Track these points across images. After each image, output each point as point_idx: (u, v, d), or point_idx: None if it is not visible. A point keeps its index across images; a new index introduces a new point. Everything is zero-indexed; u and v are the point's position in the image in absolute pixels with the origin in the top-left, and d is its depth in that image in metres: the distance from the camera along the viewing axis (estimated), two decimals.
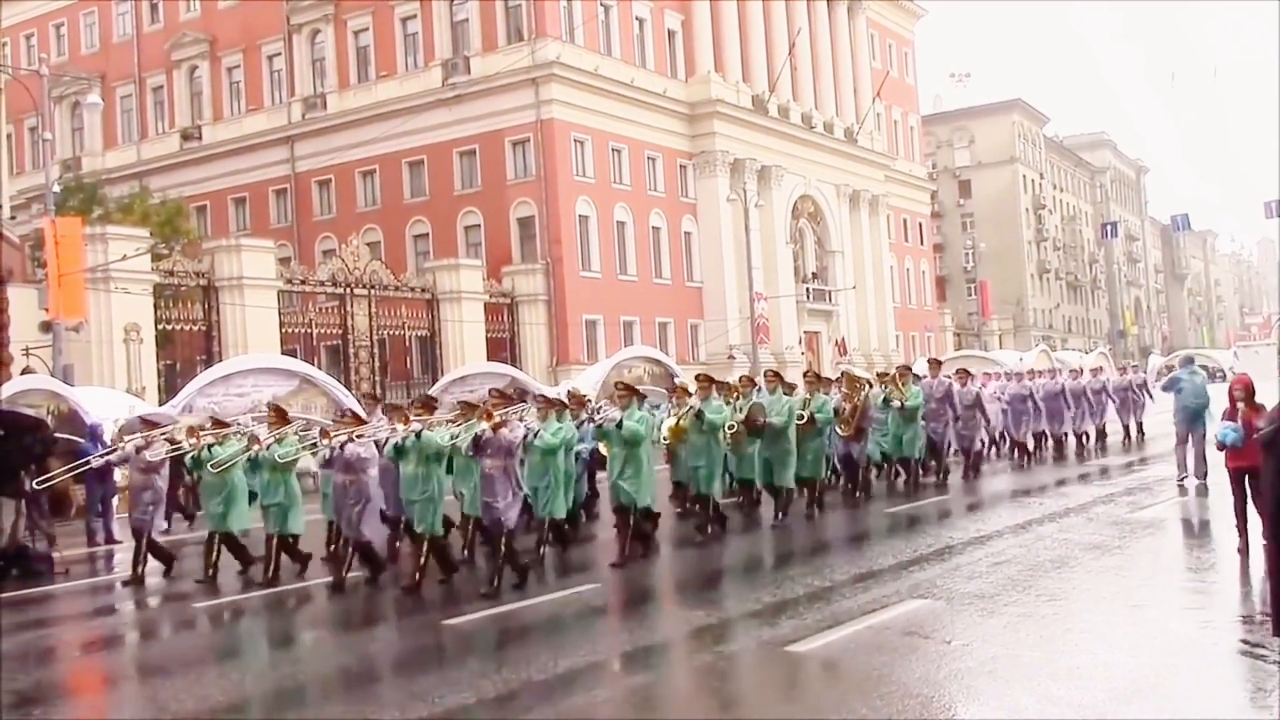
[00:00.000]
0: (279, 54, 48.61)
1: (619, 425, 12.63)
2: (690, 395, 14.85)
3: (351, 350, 34.25)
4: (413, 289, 36.98)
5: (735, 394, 15.66)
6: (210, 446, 13.13)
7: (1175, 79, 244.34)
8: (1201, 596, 10.00)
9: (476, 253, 41.88)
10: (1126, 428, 26.65)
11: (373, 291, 34.96)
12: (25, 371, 24.87)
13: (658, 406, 18.77)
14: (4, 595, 12.86)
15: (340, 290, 34.27)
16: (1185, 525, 14.47)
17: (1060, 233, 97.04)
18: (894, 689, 7.39)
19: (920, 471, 19.00)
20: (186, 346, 31.91)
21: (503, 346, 39.09)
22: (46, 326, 25.37)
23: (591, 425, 13.36)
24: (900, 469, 19.27)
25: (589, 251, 42.88)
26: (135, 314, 29.45)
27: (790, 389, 16.20)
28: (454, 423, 12.20)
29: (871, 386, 18.09)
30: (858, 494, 17.47)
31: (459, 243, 42.68)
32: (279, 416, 12.44)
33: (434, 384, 27.35)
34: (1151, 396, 27.43)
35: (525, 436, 11.80)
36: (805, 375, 16.81)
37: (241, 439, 13.06)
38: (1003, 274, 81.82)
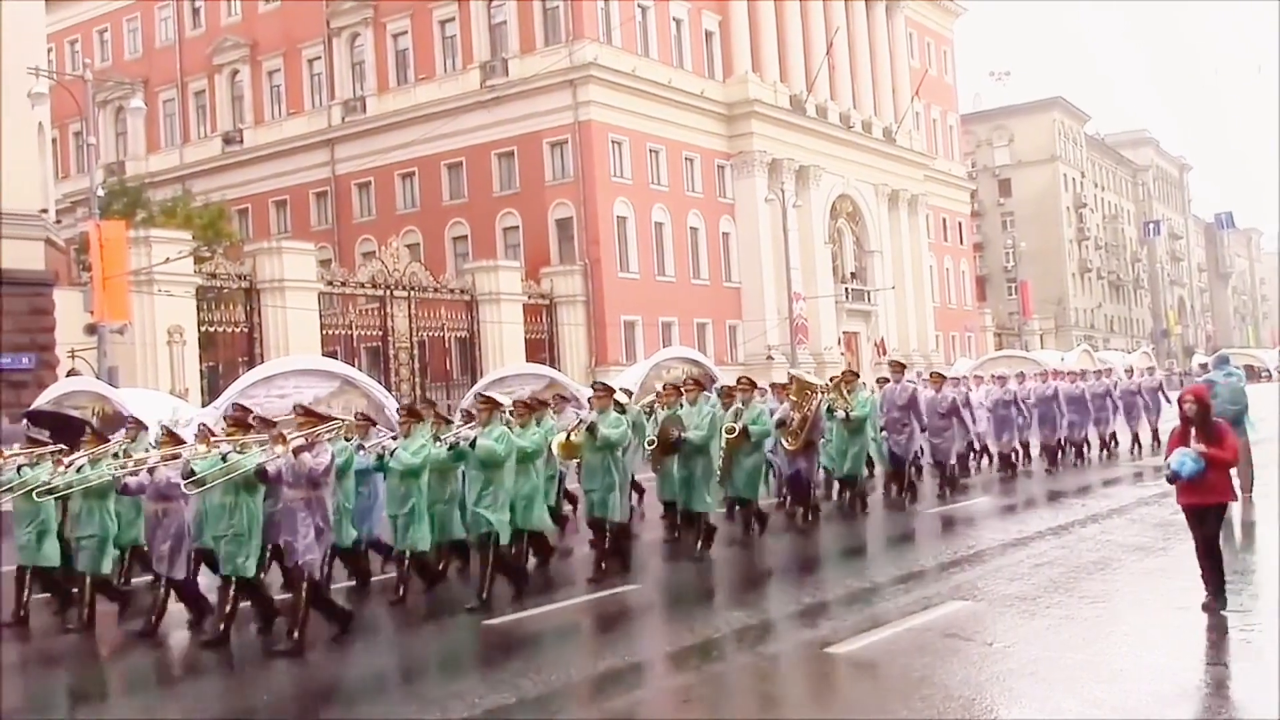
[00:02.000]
0: (319, 57, 48.95)
1: (473, 444, 10.89)
2: (733, 394, 14.09)
3: (391, 352, 34.45)
4: (452, 290, 37.14)
5: (662, 403, 14.30)
6: (21, 468, 11.49)
7: (1218, 73, 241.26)
8: (1246, 599, 9.88)
9: (515, 254, 42.01)
10: (1135, 435, 24.59)
11: (412, 293, 35.15)
12: (71, 373, 25.12)
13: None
14: None
15: (380, 292, 34.48)
16: (1228, 528, 14.30)
17: (1102, 231, 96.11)
18: (935, 691, 7.36)
19: (865, 492, 16.77)
20: (229, 348, 32.20)
21: (541, 348, 39.19)
22: (92, 329, 25.65)
23: (443, 446, 11.21)
24: (843, 488, 16.70)
25: (627, 252, 42.90)
26: (178, 316, 29.76)
27: (729, 397, 14.39)
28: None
29: (824, 394, 15.61)
30: (807, 516, 15.26)
31: (498, 244, 42.83)
32: (309, 418, 10.42)
33: (473, 385, 27.45)
34: (1169, 399, 25.36)
35: (333, 460, 9.76)
36: (739, 381, 14.60)
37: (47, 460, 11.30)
38: (1044, 273, 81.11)
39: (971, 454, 21.28)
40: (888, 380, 18.05)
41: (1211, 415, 8.85)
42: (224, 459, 9.63)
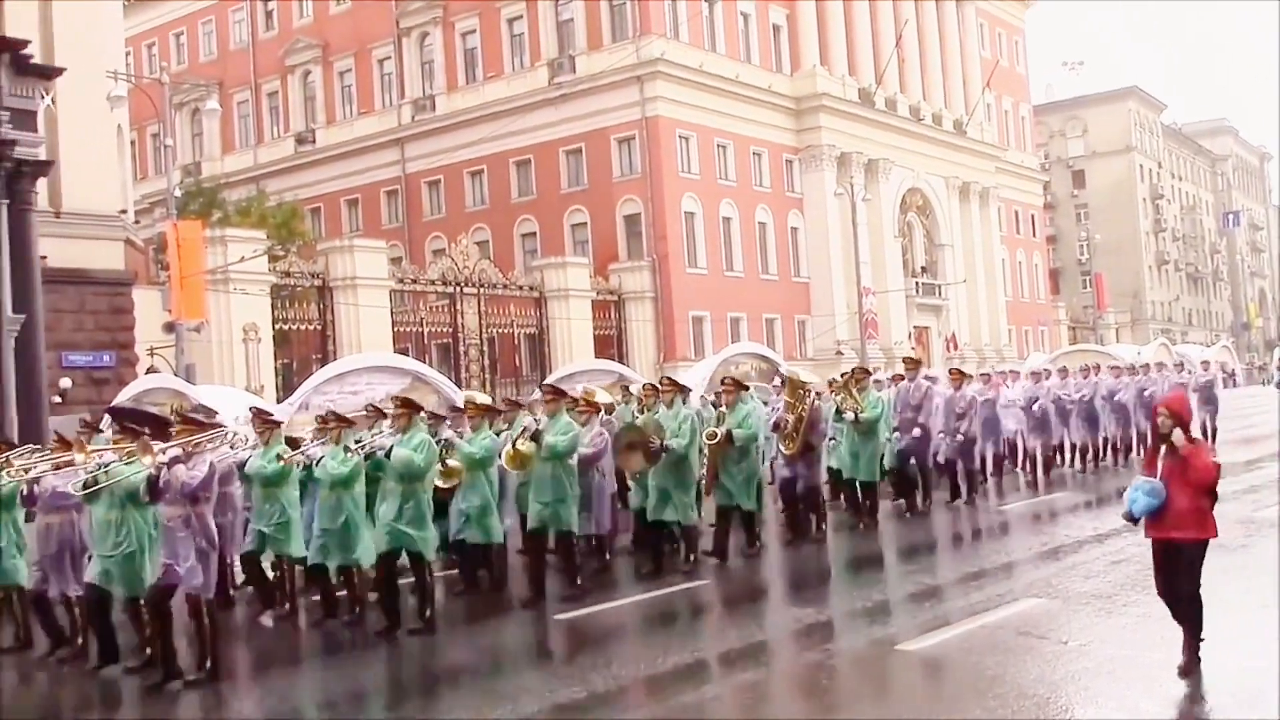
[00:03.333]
0: (389, 57, 49.44)
1: (388, 454, 9.97)
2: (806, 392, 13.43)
3: (461, 348, 34.70)
4: (521, 287, 37.33)
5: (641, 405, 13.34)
6: None
7: None
8: None
9: (583, 250, 42.13)
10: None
11: (482, 290, 35.38)
12: (150, 371, 25.62)
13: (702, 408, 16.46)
14: None
15: (450, 289, 34.74)
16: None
17: (1179, 223, 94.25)
18: (1008, 689, 7.28)
19: (890, 498, 16.00)
20: (302, 345, 32.64)
21: (610, 344, 39.26)
22: (169, 327, 26.11)
23: (356, 454, 10.20)
24: (857, 494, 15.35)
25: (695, 248, 42.86)
26: (253, 314, 30.22)
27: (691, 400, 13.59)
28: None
29: (818, 395, 14.48)
30: (813, 526, 14.01)
31: (566, 241, 42.99)
32: (188, 425, 9.21)
33: (542, 380, 27.60)
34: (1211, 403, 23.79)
35: (214, 472, 8.69)
36: (723, 383, 13.60)
37: None
38: (1119, 266, 79.76)
39: (1004, 456, 19.86)
40: (901, 376, 16.98)
41: (1189, 432, 7.38)
42: (105, 470, 8.68)
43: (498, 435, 11.75)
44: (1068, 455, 20.88)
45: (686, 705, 7.56)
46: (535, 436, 11.08)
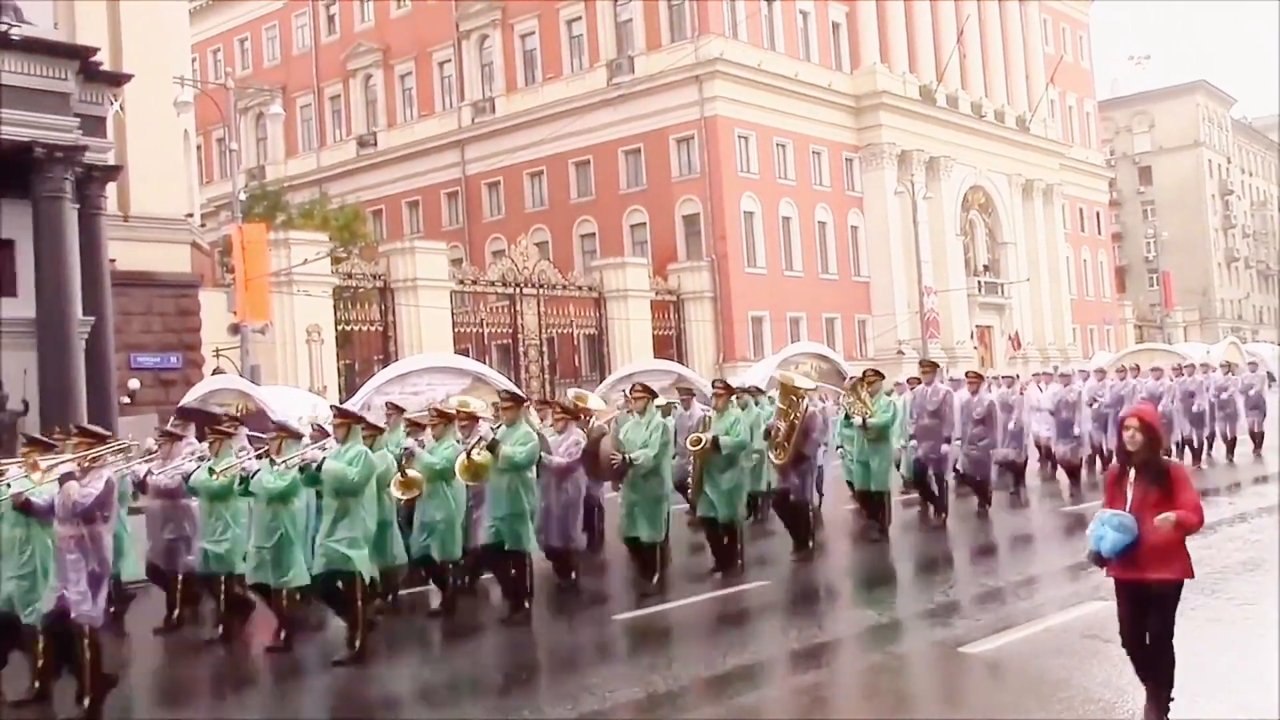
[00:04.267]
0: (449, 60, 49.81)
1: (319, 466, 9.22)
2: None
3: (521, 349, 34.90)
4: (580, 288, 37.48)
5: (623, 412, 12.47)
6: None
7: None
8: None
9: (642, 251, 42.18)
10: (1213, 438, 21.45)
11: (541, 291, 35.55)
12: (216, 372, 26.01)
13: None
14: None
15: (510, 290, 34.95)
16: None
17: (1250, 219, 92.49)
18: (1074, 693, 7.17)
19: (913, 508, 15.05)
20: (364, 346, 32.99)
21: (669, 344, 39.28)
22: (235, 329, 26.49)
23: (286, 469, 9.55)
24: (864, 506, 14.35)
25: (754, 247, 42.74)
26: (316, 315, 30.61)
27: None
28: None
29: (807, 401, 12.96)
30: (806, 541, 12.88)
31: (625, 241, 43.06)
32: (85, 438, 8.59)
33: (602, 381, 27.65)
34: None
35: (112, 489, 7.91)
36: (714, 385, 12.96)
37: None
38: (1187, 263, 78.39)
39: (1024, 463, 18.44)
40: (923, 378, 15.73)
41: (1160, 450, 6.17)
42: (8, 484, 8.14)
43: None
44: (1098, 463, 19.52)
45: (745, 706, 7.54)
46: (492, 446, 10.17)
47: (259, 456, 9.96)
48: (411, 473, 10.45)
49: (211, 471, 10.12)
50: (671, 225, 42.69)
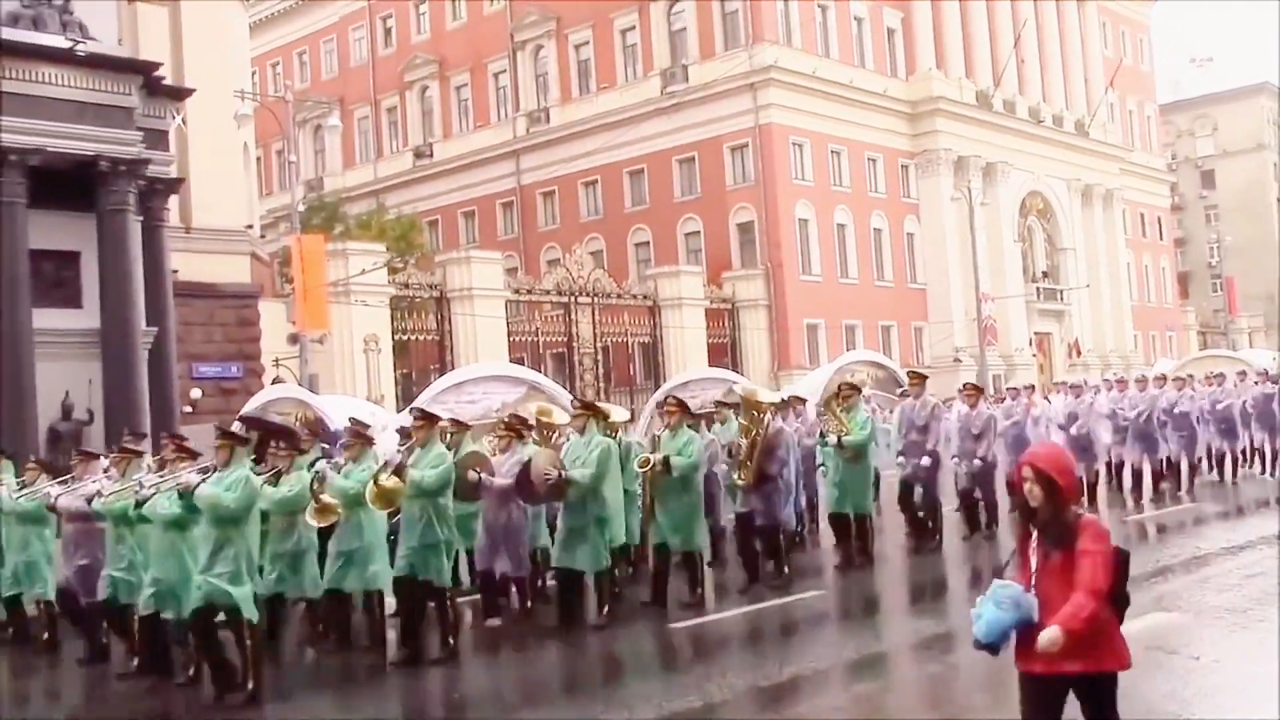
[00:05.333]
0: (504, 71, 50.12)
1: (193, 492, 8.44)
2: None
3: (576, 357, 34.99)
4: (635, 296, 37.52)
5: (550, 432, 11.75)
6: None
7: None
8: None
9: (697, 259, 42.17)
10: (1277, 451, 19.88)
11: (596, 299, 35.63)
12: (275, 381, 26.28)
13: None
14: None
15: (565, 299, 35.06)
16: None
17: None
18: (1136, 705, 7.03)
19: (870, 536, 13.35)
20: (421, 355, 33.23)
21: (724, 352, 39.20)
22: (294, 338, 26.77)
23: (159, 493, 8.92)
24: (840, 530, 12.98)
25: (809, 255, 42.57)
26: (374, 325, 30.87)
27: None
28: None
29: (769, 417, 11.94)
30: (772, 572, 11.92)
31: (679, 249, 43.06)
32: (228, 439, 8.87)
33: (656, 389, 27.64)
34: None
35: None
36: (665, 403, 11.93)
37: None
38: (1252, 268, 76.94)
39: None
40: (910, 390, 14.70)
41: (1069, 505, 4.74)
42: None
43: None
44: (1118, 478, 18.47)
45: (801, 713, 7.49)
46: (399, 470, 9.31)
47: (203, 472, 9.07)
48: (326, 498, 9.61)
49: (101, 494, 9.63)
50: (726, 233, 42.63)
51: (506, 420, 11.49)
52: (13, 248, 17.07)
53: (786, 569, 11.98)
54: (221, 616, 8.45)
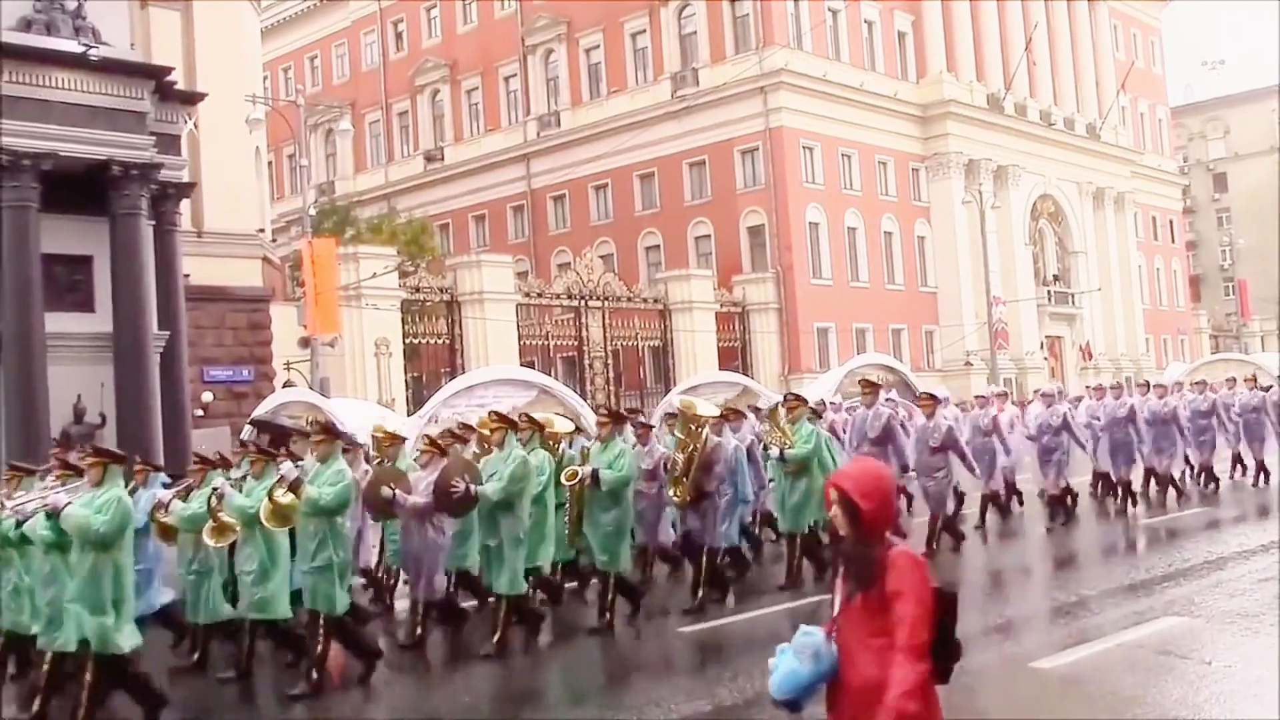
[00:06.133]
0: (515, 75, 50.18)
1: (54, 516, 7.81)
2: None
3: (586, 361, 35.00)
4: (645, 300, 37.52)
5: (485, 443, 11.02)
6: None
7: None
8: None
9: (707, 262, 42.16)
10: (1260, 462, 19.19)
11: (606, 303, 35.63)
12: (286, 385, 26.34)
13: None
14: None
15: (575, 302, 35.08)
16: None
17: None
18: (1148, 711, 7.03)
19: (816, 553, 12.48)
20: (432, 359, 33.26)
21: (734, 355, 39.18)
22: (305, 342, 26.81)
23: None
24: (789, 548, 12.43)
25: (820, 258, 42.53)
26: (384, 329, 30.92)
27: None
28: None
29: (708, 431, 11.18)
30: (724, 590, 11.50)
31: (690, 253, 43.05)
32: (100, 456, 8.20)
33: (667, 392, 27.64)
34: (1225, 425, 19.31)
35: None
36: (598, 411, 11.75)
37: None
38: (1265, 272, 76.53)
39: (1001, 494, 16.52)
40: (862, 400, 13.95)
41: (875, 536, 4.01)
42: None
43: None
44: (1103, 489, 17.73)
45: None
46: (295, 486, 8.83)
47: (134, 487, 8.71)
48: (224, 517, 9.11)
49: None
50: (736, 237, 42.61)
51: (429, 435, 11.03)
52: (25, 252, 17.13)
53: (730, 589, 11.47)
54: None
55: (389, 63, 54.79)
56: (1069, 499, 16.20)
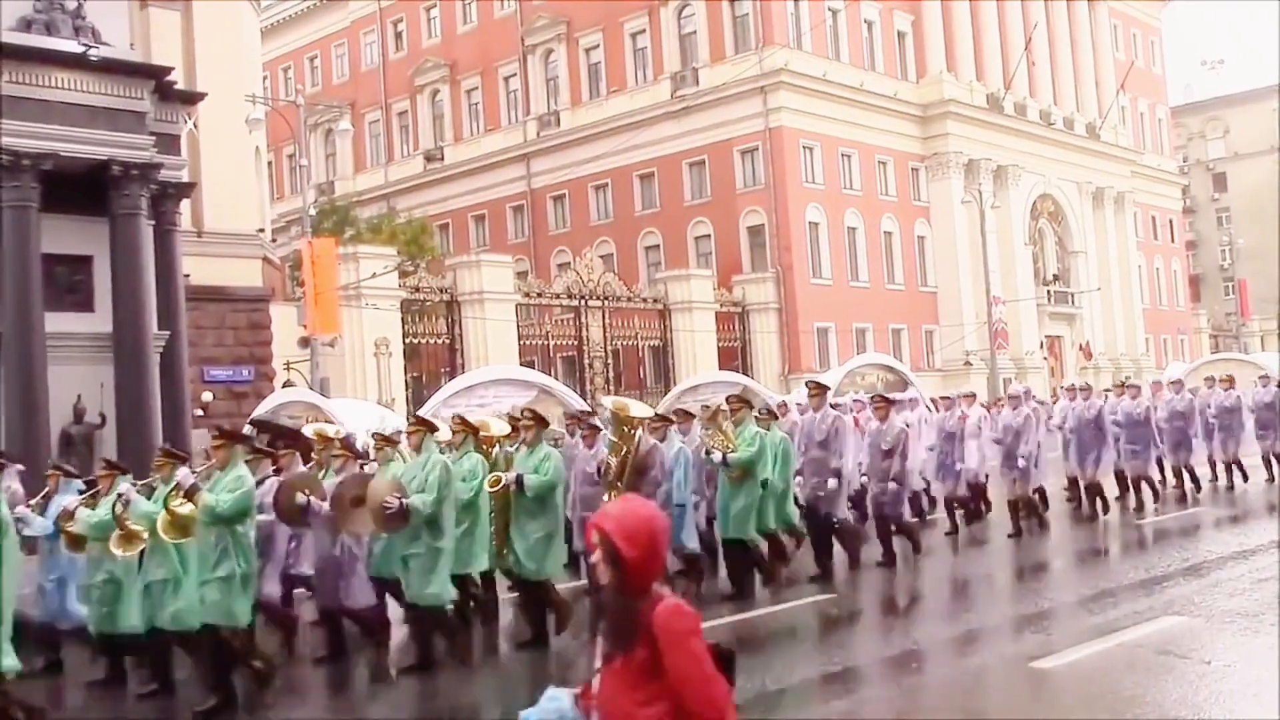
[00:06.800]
0: (514, 74, 50.19)
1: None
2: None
3: (586, 361, 35.00)
4: (645, 300, 37.52)
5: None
6: None
7: None
8: None
9: (707, 262, 42.17)
10: (1229, 465, 18.90)
11: (606, 303, 35.64)
12: (286, 385, 26.35)
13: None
14: None
15: (575, 302, 35.08)
16: None
17: None
18: (1148, 710, 7.04)
19: (764, 564, 12.08)
20: (431, 359, 33.26)
21: (734, 355, 39.19)
22: (305, 342, 26.81)
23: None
24: (727, 557, 12.02)
25: (819, 258, 42.54)
26: (384, 329, 30.92)
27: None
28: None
29: (641, 433, 10.57)
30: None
31: (689, 253, 43.07)
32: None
33: (667, 392, 27.65)
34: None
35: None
36: (522, 414, 10.90)
37: None
38: (1265, 271, 76.52)
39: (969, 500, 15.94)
40: (810, 402, 13.22)
41: (638, 586, 3.51)
42: None
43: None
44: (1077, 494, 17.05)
45: (838, 709, 7.49)
46: (191, 493, 8.40)
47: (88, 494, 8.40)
48: (131, 524, 8.71)
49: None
50: (736, 237, 42.62)
51: (342, 437, 10.59)
52: (25, 252, 17.12)
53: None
54: None
55: (389, 62, 54.81)
56: (1038, 504, 15.36)
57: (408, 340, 31.87)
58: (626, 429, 10.50)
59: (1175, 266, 65.12)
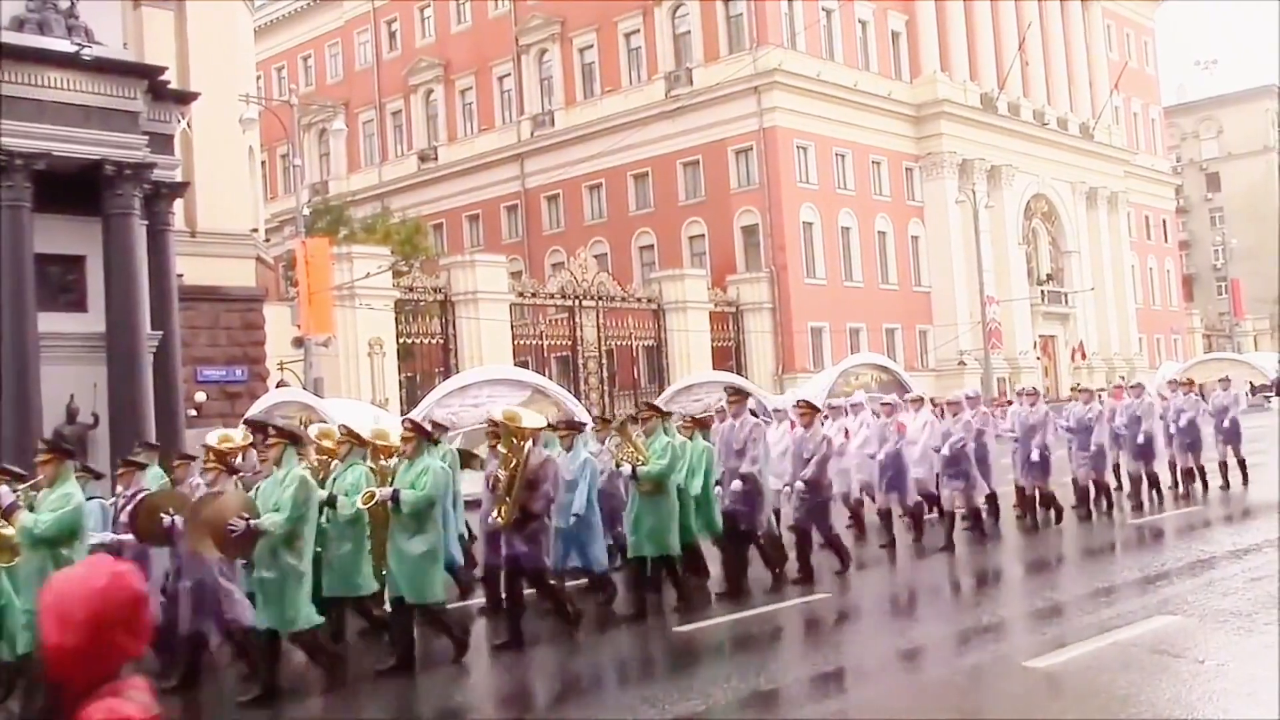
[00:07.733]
0: (509, 74, 50.20)
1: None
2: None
3: (580, 360, 35.01)
4: (639, 300, 37.54)
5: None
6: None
7: None
8: None
9: (701, 262, 42.19)
10: (1191, 470, 18.05)
11: (600, 303, 35.65)
12: (280, 385, 26.30)
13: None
14: None
15: (569, 302, 35.08)
16: None
17: None
18: (1142, 710, 7.05)
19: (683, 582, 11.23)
20: (425, 359, 33.25)
21: (728, 355, 39.22)
22: (298, 342, 26.78)
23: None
24: (637, 577, 11.31)
25: (813, 258, 42.58)
26: (378, 329, 30.90)
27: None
28: None
29: (530, 445, 9.76)
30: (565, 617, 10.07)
31: (684, 253, 43.09)
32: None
33: (660, 392, 27.65)
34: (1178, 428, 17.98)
35: None
36: (403, 427, 10.15)
37: None
38: (1258, 271, 76.80)
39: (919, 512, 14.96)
40: (729, 408, 12.46)
41: (93, 682, 2.55)
42: None
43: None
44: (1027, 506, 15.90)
45: (828, 712, 7.49)
46: (9, 513, 7.65)
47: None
48: (6, 531, 7.89)
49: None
50: (730, 236, 42.64)
51: (215, 448, 9.68)
52: (18, 251, 17.08)
53: (575, 616, 10.07)
54: None
55: (382, 62, 54.77)
56: (978, 516, 14.38)
57: (402, 340, 31.86)
58: (516, 440, 9.74)
59: (1169, 266, 65.27)
